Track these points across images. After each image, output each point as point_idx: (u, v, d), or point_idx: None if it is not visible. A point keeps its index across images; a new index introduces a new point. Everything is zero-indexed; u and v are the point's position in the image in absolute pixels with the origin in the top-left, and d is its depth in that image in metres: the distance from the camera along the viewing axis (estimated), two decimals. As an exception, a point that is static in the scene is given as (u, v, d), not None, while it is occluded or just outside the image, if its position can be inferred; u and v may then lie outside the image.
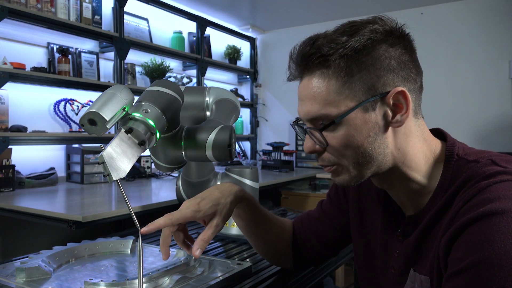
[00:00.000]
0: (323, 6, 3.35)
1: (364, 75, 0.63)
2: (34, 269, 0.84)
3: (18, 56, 2.23)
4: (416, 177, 0.68)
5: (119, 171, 0.67)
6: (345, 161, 0.67)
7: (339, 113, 0.64)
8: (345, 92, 0.63)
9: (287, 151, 3.44)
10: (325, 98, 0.64)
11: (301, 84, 0.69)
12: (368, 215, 0.83)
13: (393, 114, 0.64)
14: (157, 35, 3.14)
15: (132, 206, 1.22)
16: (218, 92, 1.12)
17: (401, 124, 0.65)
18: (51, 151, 2.43)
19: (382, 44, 0.63)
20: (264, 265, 1.03)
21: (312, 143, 0.69)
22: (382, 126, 0.65)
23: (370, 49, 0.63)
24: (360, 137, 0.64)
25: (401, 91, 0.63)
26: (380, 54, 0.63)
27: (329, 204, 0.95)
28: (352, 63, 0.63)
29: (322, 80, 0.65)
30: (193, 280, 0.86)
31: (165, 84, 0.81)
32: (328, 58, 0.63)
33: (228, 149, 0.89)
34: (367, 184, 0.84)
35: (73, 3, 2.38)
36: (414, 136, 0.68)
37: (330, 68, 0.64)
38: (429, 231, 0.66)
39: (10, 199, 1.81)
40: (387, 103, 0.64)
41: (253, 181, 1.24)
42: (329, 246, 0.95)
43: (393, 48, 0.64)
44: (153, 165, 2.25)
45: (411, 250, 0.69)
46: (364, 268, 0.84)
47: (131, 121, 0.72)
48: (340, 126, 0.65)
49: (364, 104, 0.63)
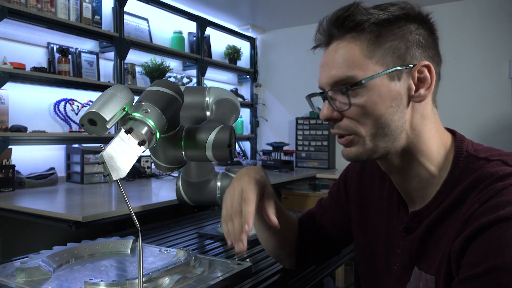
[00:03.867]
0: (323, 6, 3.35)
1: (394, 44, 0.64)
2: (34, 269, 0.84)
3: (18, 56, 2.23)
4: (427, 164, 0.67)
5: (119, 171, 0.67)
6: (363, 130, 0.66)
7: (365, 76, 0.64)
8: (374, 57, 0.64)
9: (287, 151, 3.44)
10: (353, 61, 0.65)
11: (328, 50, 0.69)
12: (371, 211, 0.82)
13: (416, 88, 0.65)
14: (157, 35, 3.14)
15: (132, 206, 1.22)
16: (218, 92, 1.12)
17: (423, 99, 0.65)
18: (51, 151, 2.43)
19: (412, 22, 0.65)
20: (264, 265, 1.03)
21: (330, 110, 0.68)
22: (404, 98, 0.65)
23: (402, 22, 0.65)
24: (382, 105, 0.64)
25: (427, 64, 0.64)
26: (411, 29, 0.65)
27: (330, 201, 0.94)
28: (384, 31, 0.64)
29: (354, 44, 0.65)
30: (193, 280, 0.86)
31: (165, 84, 0.81)
32: (362, 22, 0.64)
33: (228, 149, 0.89)
34: (370, 179, 0.83)
35: (73, 3, 2.38)
36: (430, 121, 0.68)
37: (362, 33, 0.65)
38: (435, 228, 0.65)
39: (10, 199, 1.81)
40: (412, 75, 0.64)
41: (253, 181, 1.24)
42: (329, 244, 0.94)
43: (423, 28, 0.66)
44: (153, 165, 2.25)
45: (415, 247, 0.68)
46: (366, 265, 0.83)
47: (131, 121, 0.72)
48: (364, 91, 0.64)
49: (391, 72, 0.64)
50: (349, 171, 0.91)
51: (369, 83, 0.64)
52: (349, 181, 0.90)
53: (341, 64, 0.65)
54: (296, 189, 3.30)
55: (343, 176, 0.92)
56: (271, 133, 4.09)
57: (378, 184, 0.81)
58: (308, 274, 1.03)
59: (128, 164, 0.69)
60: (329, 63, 0.67)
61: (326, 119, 0.69)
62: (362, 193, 0.85)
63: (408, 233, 0.70)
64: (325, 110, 0.69)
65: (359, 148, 0.67)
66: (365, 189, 0.84)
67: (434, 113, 0.69)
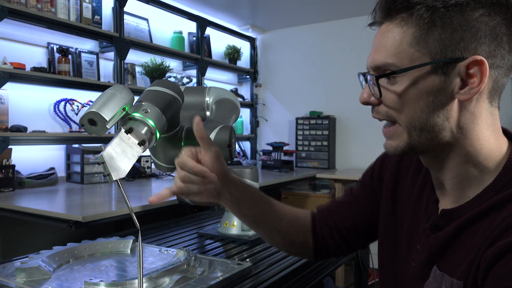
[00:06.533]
0: (323, 6, 3.35)
1: (445, 33, 0.57)
2: (34, 269, 0.84)
3: (18, 56, 2.23)
4: (473, 166, 0.62)
5: (119, 171, 0.67)
6: (400, 119, 0.62)
7: (403, 66, 0.59)
8: (419, 46, 0.59)
9: (287, 151, 3.44)
10: (396, 46, 0.60)
11: (379, 30, 0.64)
12: (400, 202, 0.78)
13: (463, 84, 0.58)
14: (157, 35, 3.14)
15: (132, 206, 1.22)
16: (218, 92, 1.12)
17: (468, 97, 0.58)
18: (51, 151, 2.43)
19: (479, 8, 0.57)
20: (264, 265, 1.03)
21: (368, 94, 0.65)
22: (447, 95, 0.59)
23: (463, 8, 0.57)
24: (420, 99, 0.60)
25: (480, 60, 0.57)
26: (473, 17, 0.57)
27: (361, 191, 0.88)
28: (437, 16, 0.57)
29: (400, 28, 0.60)
30: (193, 280, 0.86)
31: (165, 84, 0.81)
32: (413, 4, 0.58)
33: (228, 149, 0.88)
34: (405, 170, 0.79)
35: (73, 3, 2.38)
36: (483, 123, 0.61)
37: (412, 16, 0.59)
38: (466, 229, 0.62)
39: (10, 199, 1.81)
40: (460, 70, 0.58)
41: (253, 181, 1.24)
42: (357, 235, 0.88)
43: (491, 16, 0.57)
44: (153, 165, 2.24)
45: (439, 246, 0.64)
46: (386, 260, 0.79)
47: (131, 121, 0.72)
48: (402, 80, 0.60)
49: (435, 64, 0.58)
50: (386, 157, 0.86)
51: (408, 73, 0.59)
52: (385, 165, 0.85)
53: (384, 49, 0.61)
54: (296, 189, 3.30)
55: (381, 159, 0.87)
56: (271, 133, 4.09)
57: (412, 176, 0.77)
58: (308, 274, 1.03)
59: (128, 164, 0.69)
60: (375, 45, 0.64)
61: (364, 102, 0.66)
62: (396, 181, 0.80)
63: (434, 231, 0.67)
64: (364, 93, 0.66)
65: (400, 142, 0.64)
66: (399, 177, 0.80)
67: (491, 114, 0.62)
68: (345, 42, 3.60)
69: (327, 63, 3.72)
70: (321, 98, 3.75)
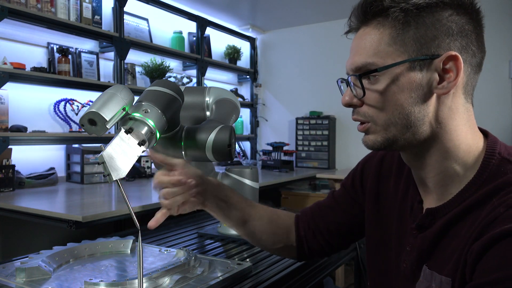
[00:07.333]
0: (323, 6, 3.35)
1: (420, 32, 0.61)
2: (34, 269, 0.84)
3: (18, 56, 2.23)
4: (452, 161, 0.64)
5: (119, 171, 0.68)
6: (381, 119, 0.65)
7: (384, 64, 0.62)
8: (396, 45, 0.62)
9: (287, 151, 3.44)
10: (375, 48, 0.63)
11: (356, 35, 0.68)
12: (385, 205, 0.80)
13: (440, 79, 0.62)
14: (157, 35, 3.14)
15: (132, 206, 1.22)
16: (218, 92, 1.12)
17: (446, 91, 0.62)
18: (51, 151, 2.43)
19: (448, 9, 0.61)
20: (264, 265, 1.03)
21: (350, 96, 0.67)
22: (426, 90, 0.62)
23: (434, 9, 0.61)
24: (401, 95, 0.62)
25: (454, 55, 0.60)
26: (443, 16, 0.61)
27: (343, 194, 0.91)
28: (410, 17, 0.61)
29: (377, 31, 0.64)
30: (193, 280, 0.86)
31: (165, 84, 0.81)
32: (388, 8, 0.62)
33: (228, 149, 0.89)
34: (387, 172, 0.81)
35: (73, 3, 2.38)
36: (461, 117, 0.64)
37: (387, 19, 0.63)
38: (451, 227, 0.63)
39: (10, 199, 1.81)
40: (436, 66, 0.61)
41: (253, 181, 1.24)
42: (339, 237, 0.91)
43: (459, 15, 0.62)
44: (153, 165, 2.23)
45: (426, 245, 0.66)
46: (375, 261, 0.81)
47: (131, 121, 0.72)
48: (383, 78, 0.63)
49: (413, 61, 0.61)
50: (367, 161, 0.88)
51: (388, 72, 0.62)
52: (366, 171, 0.87)
53: (363, 50, 0.65)
54: (296, 189, 3.29)
55: (361, 165, 0.89)
56: (271, 133, 4.09)
57: (394, 177, 0.79)
58: (308, 274, 1.03)
59: (128, 164, 0.69)
60: (354, 49, 0.67)
61: (346, 104, 0.68)
62: (378, 185, 0.82)
63: (420, 230, 0.68)
64: (346, 96, 0.68)
65: (377, 136, 0.66)
66: (381, 182, 0.82)
67: (466, 109, 0.65)
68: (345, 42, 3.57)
69: (327, 63, 3.72)
70: (321, 98, 3.75)
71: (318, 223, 0.91)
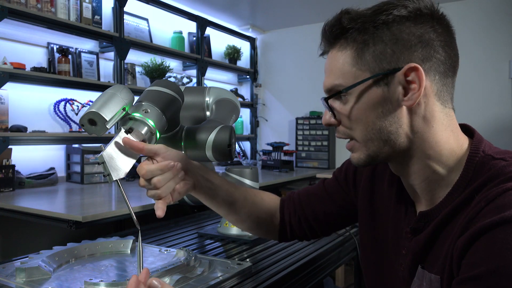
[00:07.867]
0: (323, 6, 3.35)
1: (378, 49, 0.63)
2: (34, 269, 0.84)
3: (18, 56, 2.23)
4: (435, 166, 0.65)
5: (119, 171, 0.68)
6: (358, 136, 0.67)
7: (348, 84, 0.65)
8: (358, 65, 0.64)
9: (287, 151, 3.44)
10: (340, 68, 0.66)
11: (326, 59, 0.70)
12: (380, 208, 0.80)
13: (405, 91, 0.63)
14: (157, 35, 3.14)
15: (132, 206, 1.22)
16: (218, 92, 1.12)
17: (413, 103, 0.62)
18: (51, 151, 2.43)
19: (405, 21, 0.62)
20: (264, 265, 1.03)
21: (329, 116, 0.70)
22: (394, 104, 0.63)
23: (390, 24, 0.62)
24: (370, 112, 0.64)
25: (414, 67, 0.61)
26: (401, 30, 0.62)
27: (334, 185, 0.92)
28: (368, 36, 0.63)
29: (340, 53, 0.66)
30: (193, 280, 0.86)
31: (165, 84, 0.81)
32: (346, 29, 0.65)
33: (228, 149, 0.88)
34: (381, 175, 0.81)
35: (73, 3, 2.38)
36: (439, 124, 0.65)
37: (347, 40, 0.65)
38: (443, 228, 0.64)
39: (10, 199, 1.81)
40: (399, 79, 0.62)
41: (253, 181, 1.24)
42: (326, 225, 0.93)
43: (417, 26, 0.63)
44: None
45: (421, 248, 0.66)
46: (371, 264, 0.81)
47: (131, 121, 0.72)
48: (350, 98, 0.65)
49: (375, 78, 0.63)
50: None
51: (354, 91, 0.64)
52: (359, 171, 0.88)
53: (331, 73, 0.67)
54: (296, 189, 3.29)
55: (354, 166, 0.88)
56: (271, 133, 4.09)
57: (388, 181, 0.79)
58: (308, 274, 1.03)
59: (128, 164, 0.69)
60: (325, 71, 0.70)
61: (326, 124, 0.71)
62: (373, 185, 0.83)
63: (415, 234, 0.69)
64: (326, 115, 0.71)
65: (360, 154, 0.68)
66: (376, 181, 0.82)
67: (446, 115, 0.65)
68: (345, 42, 3.59)
69: (327, 63, 3.72)
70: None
71: (306, 211, 0.93)
